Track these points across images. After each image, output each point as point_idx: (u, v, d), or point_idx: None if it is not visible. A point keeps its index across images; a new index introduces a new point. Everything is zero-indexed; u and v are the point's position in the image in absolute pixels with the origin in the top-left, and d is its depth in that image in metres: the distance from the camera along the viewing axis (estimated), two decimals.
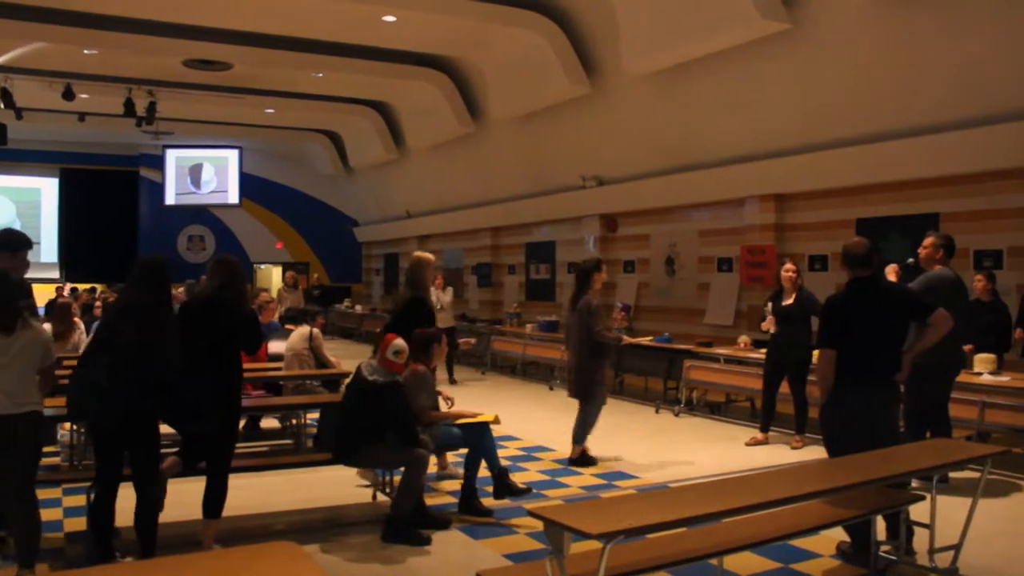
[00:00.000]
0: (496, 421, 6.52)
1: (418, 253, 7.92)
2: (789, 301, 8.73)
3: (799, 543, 5.43)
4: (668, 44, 11.74)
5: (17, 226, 25.99)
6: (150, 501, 5.09)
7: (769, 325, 8.89)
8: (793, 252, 11.96)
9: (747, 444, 8.89)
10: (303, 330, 9.33)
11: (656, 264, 14.76)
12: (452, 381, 13.26)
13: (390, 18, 14.09)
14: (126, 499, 5.15)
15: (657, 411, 11.10)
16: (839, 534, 5.28)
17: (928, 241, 6.87)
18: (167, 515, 6.30)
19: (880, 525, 5.17)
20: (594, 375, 8.00)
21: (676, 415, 10.74)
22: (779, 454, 8.48)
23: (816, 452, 8.39)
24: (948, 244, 6.84)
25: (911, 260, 7.13)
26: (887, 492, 4.93)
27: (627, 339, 8.80)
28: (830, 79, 10.64)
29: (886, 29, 9.80)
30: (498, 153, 18.27)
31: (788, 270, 8.90)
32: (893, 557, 5.12)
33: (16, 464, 4.79)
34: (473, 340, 14.34)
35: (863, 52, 10.14)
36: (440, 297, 13.48)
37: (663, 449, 8.67)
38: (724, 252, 13.27)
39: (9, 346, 4.78)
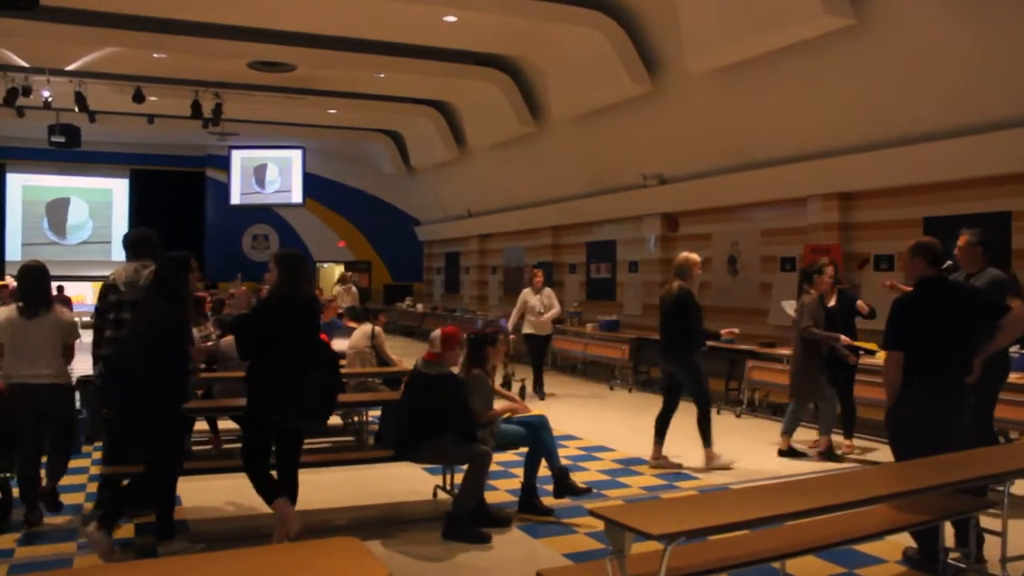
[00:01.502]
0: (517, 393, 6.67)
1: (686, 253, 8.10)
2: (831, 303, 8.57)
3: (864, 548, 5.34)
4: (730, 41, 11.63)
5: (90, 226, 26.75)
6: (157, 503, 5.36)
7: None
8: (858, 252, 11.76)
9: (810, 447, 8.75)
10: (365, 328, 9.42)
11: (718, 264, 14.62)
12: (541, 395, 12.18)
13: (451, 18, 14.17)
14: (199, 492, 5.28)
15: (719, 412, 10.98)
16: (905, 539, 5.18)
17: (962, 240, 6.40)
18: (237, 508, 6.43)
19: (949, 531, 5.05)
20: (808, 374, 8.14)
21: (738, 416, 10.64)
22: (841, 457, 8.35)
23: (865, 457, 8.27)
24: (986, 242, 6.37)
25: (949, 262, 6.84)
26: (956, 497, 4.81)
27: (846, 340, 8.21)
28: (895, 75, 10.43)
29: (952, 23, 9.58)
30: (559, 152, 18.26)
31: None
32: (962, 565, 4.99)
33: (45, 428, 5.89)
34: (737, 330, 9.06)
35: (929, 47, 9.92)
36: (542, 300, 12.33)
37: (724, 450, 8.57)
38: (787, 252, 13.10)
39: (35, 327, 5.81)
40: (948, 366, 5.03)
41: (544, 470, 6.39)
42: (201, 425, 8.80)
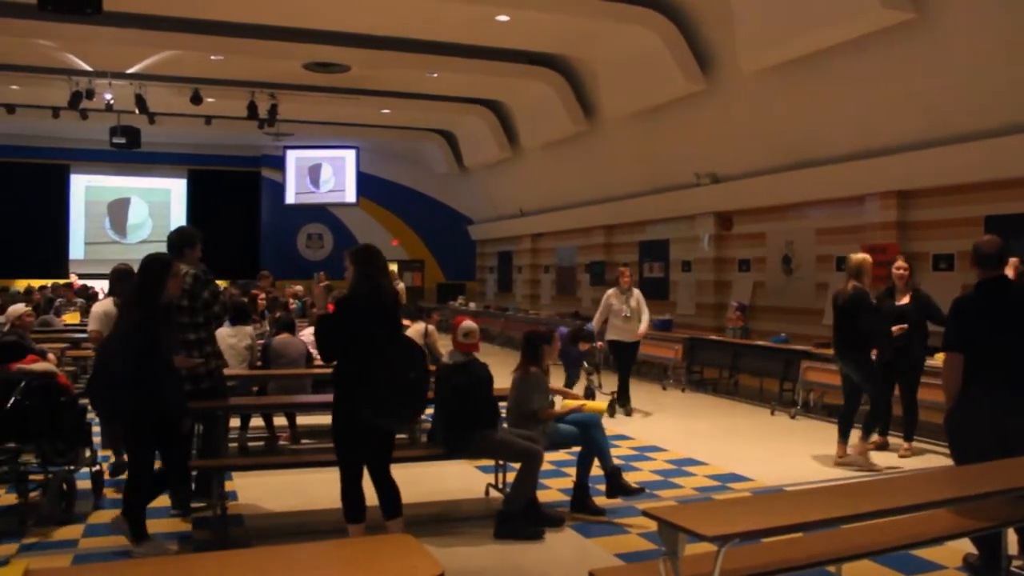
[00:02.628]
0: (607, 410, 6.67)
1: (861, 255, 8.11)
2: (904, 301, 8.41)
3: (922, 553, 5.25)
4: (785, 38, 11.48)
5: (149, 225, 27.28)
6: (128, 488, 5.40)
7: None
8: (917, 251, 11.55)
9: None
10: (419, 327, 9.48)
11: (772, 263, 14.46)
12: (627, 411, 10.88)
13: (503, 18, 14.19)
14: (254, 487, 5.34)
15: (772, 413, 10.90)
16: (966, 545, 5.07)
17: None
18: (292, 503, 6.52)
19: (1012, 538, 4.94)
20: None
21: (792, 417, 10.52)
22: (897, 461, 8.20)
23: (925, 460, 8.13)
24: None
25: None
26: (1020, 503, 4.69)
27: None
28: (956, 70, 10.22)
29: (1015, 16, 9.36)
30: (611, 151, 18.20)
31: (900, 267, 8.57)
32: None
33: None
34: None
35: (991, 41, 9.70)
36: (629, 302, 10.91)
37: (778, 451, 8.50)
38: (843, 251, 12.86)
39: None
40: (1008, 368, 4.92)
41: (596, 470, 6.39)
42: (256, 422, 8.95)
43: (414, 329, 9.48)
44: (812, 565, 3.96)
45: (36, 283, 19.51)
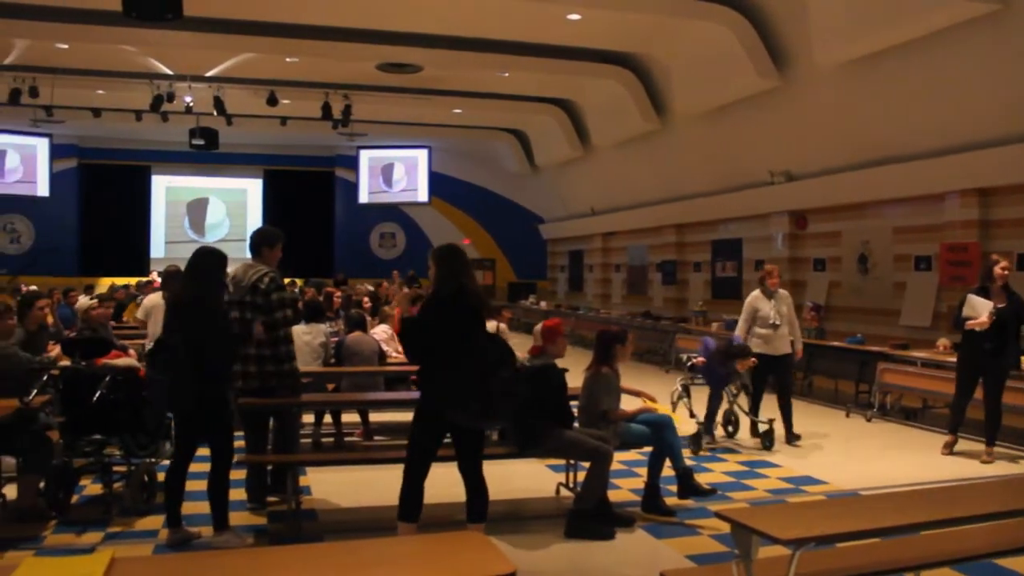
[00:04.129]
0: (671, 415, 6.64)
1: None
2: (1003, 304, 8.02)
3: (1007, 563, 5.09)
4: (863, 32, 11.25)
5: (227, 224, 27.89)
6: (219, 476, 5.47)
7: (985, 324, 7.97)
8: (1000, 250, 11.21)
9: (943, 453, 8.40)
10: (490, 325, 9.51)
11: (848, 262, 14.19)
12: (791, 439, 9.04)
13: (575, 16, 14.18)
14: (326, 483, 5.41)
15: (848, 415, 10.70)
16: None
17: None
18: (363, 498, 6.61)
19: None
20: None
21: (868, 420, 10.31)
22: (978, 466, 7.98)
23: (1006, 467, 7.91)
24: None
25: None
26: None
27: None
28: None
29: None
30: (683, 149, 18.05)
31: (1006, 268, 8.26)
32: None
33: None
34: None
35: None
36: (777, 307, 9.37)
37: (854, 454, 8.34)
38: (921, 250, 12.60)
39: None
40: None
41: (668, 470, 6.35)
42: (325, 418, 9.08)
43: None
44: (889, 572, 3.88)
45: (120, 281, 20.11)
